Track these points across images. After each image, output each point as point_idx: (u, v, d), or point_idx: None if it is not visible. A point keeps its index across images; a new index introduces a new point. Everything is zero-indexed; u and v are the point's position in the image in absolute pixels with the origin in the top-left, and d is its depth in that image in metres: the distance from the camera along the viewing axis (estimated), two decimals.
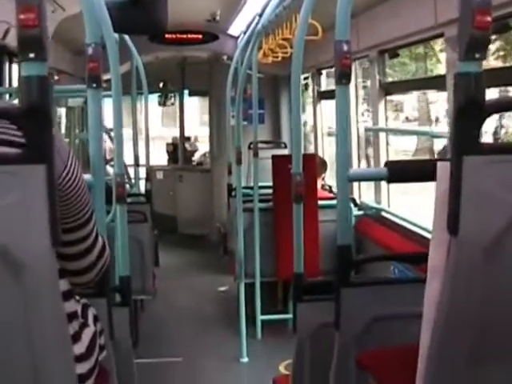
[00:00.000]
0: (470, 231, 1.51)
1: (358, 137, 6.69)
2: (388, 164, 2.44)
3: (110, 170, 5.29)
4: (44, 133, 1.33)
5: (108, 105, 3.40)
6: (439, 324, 1.62)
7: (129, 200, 4.56)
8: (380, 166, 5.22)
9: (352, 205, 5.84)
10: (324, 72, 8.05)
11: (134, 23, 4.07)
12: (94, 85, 2.52)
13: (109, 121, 3.67)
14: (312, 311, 3.08)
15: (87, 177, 2.37)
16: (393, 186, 5.90)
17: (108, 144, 7.94)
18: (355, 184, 6.24)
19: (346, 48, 2.45)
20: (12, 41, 5.17)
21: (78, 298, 1.83)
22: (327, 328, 2.89)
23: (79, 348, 1.73)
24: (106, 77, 2.84)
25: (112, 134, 4.21)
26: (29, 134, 1.33)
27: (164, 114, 14.83)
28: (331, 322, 2.71)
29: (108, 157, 7.61)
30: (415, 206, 7.63)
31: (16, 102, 1.47)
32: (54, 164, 1.38)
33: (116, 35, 3.22)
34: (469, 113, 1.46)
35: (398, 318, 2.56)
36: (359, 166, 6.96)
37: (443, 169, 1.53)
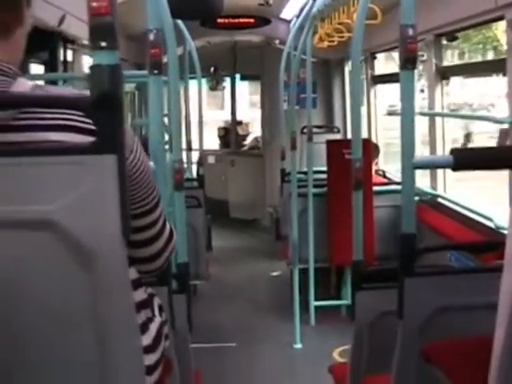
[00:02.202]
0: None
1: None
2: (454, 151, 2.38)
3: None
4: (115, 122, 1.32)
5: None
6: None
7: None
8: (444, 154, 5.14)
9: None
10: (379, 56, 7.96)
11: (191, 8, 4.06)
12: (156, 71, 2.51)
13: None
14: (371, 299, 3.05)
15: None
16: (447, 172, 5.81)
17: None
18: None
19: (411, 32, 2.40)
20: (67, 27, 5.19)
21: (145, 287, 1.82)
22: (387, 316, 2.86)
23: (147, 339, 1.72)
24: None
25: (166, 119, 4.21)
26: (100, 123, 1.32)
27: (211, 98, 14.80)
28: (391, 310, 2.68)
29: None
30: (470, 193, 7.56)
31: (84, 90, 1.46)
32: (124, 153, 1.36)
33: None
34: None
35: (463, 308, 2.51)
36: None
37: None
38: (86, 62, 6.29)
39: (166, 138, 3.92)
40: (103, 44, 1.28)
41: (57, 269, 1.39)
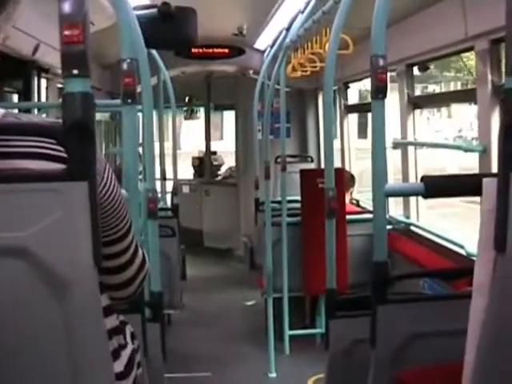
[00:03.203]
0: None
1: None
2: (425, 179, 2.41)
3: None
4: (87, 149, 1.32)
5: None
6: (485, 343, 1.59)
7: None
8: (415, 182, 5.18)
9: None
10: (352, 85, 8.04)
11: (165, 38, 4.08)
12: (130, 100, 2.52)
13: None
14: (345, 327, 3.06)
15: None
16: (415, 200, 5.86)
17: None
18: None
19: (382, 63, 2.43)
20: (41, 56, 5.20)
21: (116, 314, 1.82)
22: (361, 344, 2.87)
23: (119, 366, 1.71)
24: None
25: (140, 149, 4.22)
26: (72, 150, 1.32)
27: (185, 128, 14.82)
28: (365, 338, 2.69)
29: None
30: (439, 220, 7.62)
31: (46, 116, 1.46)
32: (96, 180, 1.37)
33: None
34: None
35: (437, 335, 2.52)
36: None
37: (490, 185, 1.50)
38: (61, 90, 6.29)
39: (141, 167, 3.93)
40: (75, 72, 1.29)
41: (28, 296, 1.38)
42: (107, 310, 1.71)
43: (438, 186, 2.42)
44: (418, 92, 6.14)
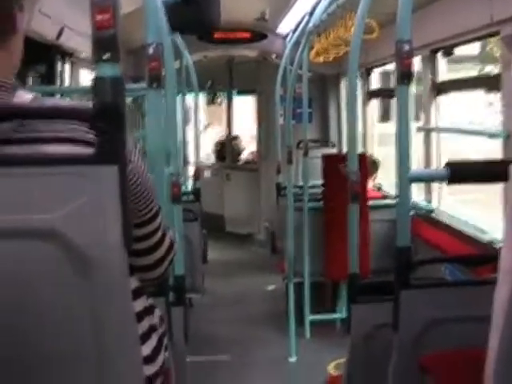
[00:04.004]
0: None
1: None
2: (449, 164, 2.41)
3: None
4: (117, 134, 1.34)
5: None
6: (509, 330, 1.59)
7: None
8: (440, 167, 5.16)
9: None
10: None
11: (189, 22, 4.10)
12: (155, 84, 2.53)
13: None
14: (367, 312, 3.07)
15: None
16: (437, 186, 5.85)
17: None
18: None
19: (407, 48, 2.43)
20: (65, 40, 5.22)
21: (146, 296, 1.84)
22: (382, 329, 2.88)
23: (148, 349, 1.73)
24: None
25: None
26: (102, 134, 1.34)
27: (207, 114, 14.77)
28: (386, 323, 2.70)
29: None
30: (461, 206, 7.59)
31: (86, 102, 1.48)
32: (126, 164, 1.38)
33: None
34: None
35: (458, 320, 2.53)
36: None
37: None
38: (84, 75, 6.32)
39: None
40: (106, 56, 1.30)
41: (57, 277, 1.41)
42: (137, 292, 1.73)
43: (463, 172, 2.43)
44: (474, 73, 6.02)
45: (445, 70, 5.65)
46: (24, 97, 1.51)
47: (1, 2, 1.49)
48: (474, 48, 5.23)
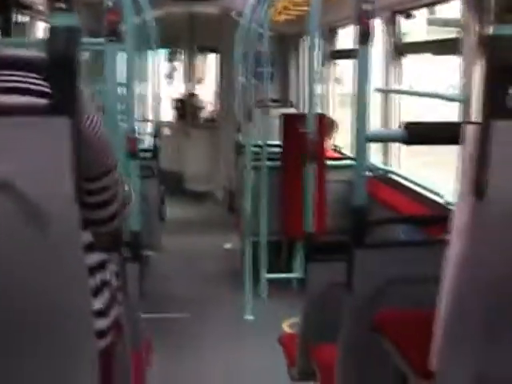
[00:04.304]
0: (496, 195, 1.50)
1: None
2: (408, 126, 2.42)
3: None
4: (70, 85, 1.32)
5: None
6: (460, 284, 1.61)
7: None
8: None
9: None
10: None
11: None
12: (113, 38, 2.50)
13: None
14: (323, 271, 3.10)
15: None
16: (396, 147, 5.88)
17: None
18: None
19: (368, 8, 2.42)
20: None
21: (100, 251, 1.83)
22: (338, 288, 2.90)
23: (100, 303, 1.72)
24: None
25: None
26: (55, 85, 1.31)
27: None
28: (342, 282, 2.72)
29: None
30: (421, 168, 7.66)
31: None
32: (79, 116, 1.36)
33: None
34: (501, 76, 1.44)
35: (412, 280, 2.56)
36: None
37: (470, 132, 1.51)
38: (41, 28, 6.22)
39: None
40: (61, 5, 1.28)
41: (9, 229, 1.39)
42: (90, 247, 1.72)
43: (420, 133, 2.44)
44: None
45: (424, 31, 5.63)
46: None
47: None
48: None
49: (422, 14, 5.63)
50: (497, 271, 1.58)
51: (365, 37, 2.48)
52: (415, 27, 6.21)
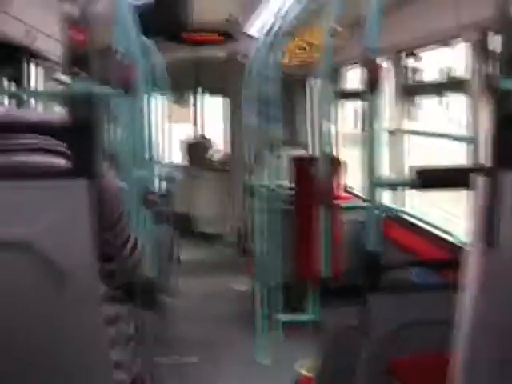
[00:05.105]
0: (507, 243, 1.52)
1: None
2: (417, 171, 2.45)
3: None
4: (89, 148, 1.36)
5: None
6: (474, 331, 1.63)
7: None
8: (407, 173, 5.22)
9: None
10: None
11: (158, 25, 4.10)
12: (125, 90, 2.54)
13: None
14: (337, 314, 3.10)
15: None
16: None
17: None
18: None
19: (375, 56, 2.46)
20: (32, 42, 5.20)
21: (116, 302, 1.85)
22: (352, 331, 2.91)
23: (118, 354, 1.74)
24: None
25: None
26: (74, 149, 1.35)
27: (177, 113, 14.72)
28: (357, 325, 2.73)
29: None
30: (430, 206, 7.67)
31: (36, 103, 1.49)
32: (98, 178, 1.40)
33: None
34: (508, 127, 1.47)
35: (426, 323, 2.56)
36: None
37: (481, 182, 1.54)
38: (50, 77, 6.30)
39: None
40: (80, 73, 1.32)
41: (31, 287, 1.42)
42: (106, 298, 1.74)
43: (430, 179, 2.46)
44: None
45: None
46: None
47: None
48: None
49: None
50: (510, 319, 1.59)
51: (373, 83, 2.52)
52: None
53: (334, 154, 7.53)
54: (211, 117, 12.72)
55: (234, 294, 8.20)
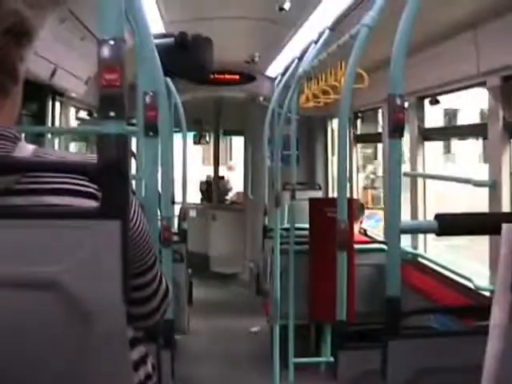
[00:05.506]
0: None
1: None
2: (438, 217, 2.45)
3: None
4: (120, 189, 1.37)
5: None
6: (499, 381, 1.62)
7: None
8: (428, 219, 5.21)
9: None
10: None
11: (181, 67, 4.14)
12: (151, 133, 2.56)
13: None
14: (354, 359, 3.08)
15: None
16: None
17: None
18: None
19: (399, 102, 2.47)
20: (57, 81, 5.26)
21: (141, 345, 1.85)
22: (369, 376, 2.89)
23: None
24: None
25: None
26: (106, 190, 1.36)
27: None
28: (373, 369, 2.71)
29: None
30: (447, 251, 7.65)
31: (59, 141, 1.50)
32: (128, 219, 1.41)
33: None
34: None
35: (446, 370, 2.55)
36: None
37: (508, 230, 1.54)
38: (73, 114, 6.36)
39: None
40: (112, 114, 1.33)
41: (57, 329, 1.42)
42: (133, 342, 1.74)
43: (451, 225, 2.46)
44: None
45: None
46: (26, 149, 1.53)
47: (3, 57, 1.52)
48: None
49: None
50: None
51: (396, 129, 2.53)
52: None
53: (351, 196, 7.60)
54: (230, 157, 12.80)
55: (249, 334, 8.18)
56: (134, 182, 3.02)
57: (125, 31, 1.38)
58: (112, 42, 1.33)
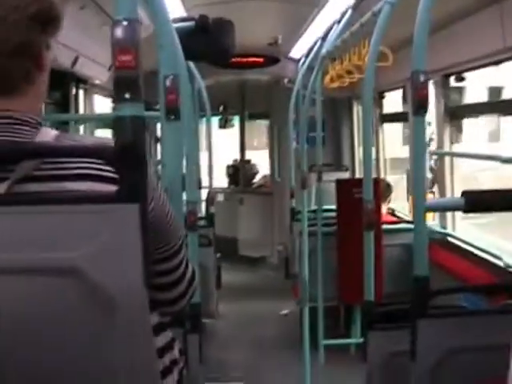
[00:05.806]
0: None
1: None
2: (465, 194, 2.41)
3: None
4: (138, 172, 1.35)
5: None
6: None
7: None
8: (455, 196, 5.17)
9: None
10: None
11: (203, 50, 4.10)
12: (173, 117, 2.54)
13: None
14: (383, 339, 3.05)
15: None
16: None
17: None
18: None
19: (423, 79, 2.43)
20: (79, 68, 5.26)
21: (168, 331, 1.84)
22: (399, 357, 2.86)
23: (166, 381, 1.73)
24: None
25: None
26: (123, 173, 1.35)
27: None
28: (403, 350, 2.69)
29: None
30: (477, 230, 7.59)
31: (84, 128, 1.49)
32: (147, 202, 1.39)
33: None
34: None
35: (476, 349, 2.52)
36: None
37: None
38: (98, 101, 6.37)
39: None
40: (127, 96, 1.31)
41: (78, 314, 1.41)
42: (158, 328, 1.73)
43: (479, 201, 2.43)
44: None
45: None
46: (48, 134, 1.53)
47: (30, 44, 1.51)
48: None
49: None
50: None
51: (421, 107, 2.49)
52: None
53: (378, 176, 7.55)
54: (256, 141, 12.78)
55: (278, 317, 8.18)
56: (159, 167, 3.00)
57: (144, 15, 1.36)
58: (125, 23, 1.31)
